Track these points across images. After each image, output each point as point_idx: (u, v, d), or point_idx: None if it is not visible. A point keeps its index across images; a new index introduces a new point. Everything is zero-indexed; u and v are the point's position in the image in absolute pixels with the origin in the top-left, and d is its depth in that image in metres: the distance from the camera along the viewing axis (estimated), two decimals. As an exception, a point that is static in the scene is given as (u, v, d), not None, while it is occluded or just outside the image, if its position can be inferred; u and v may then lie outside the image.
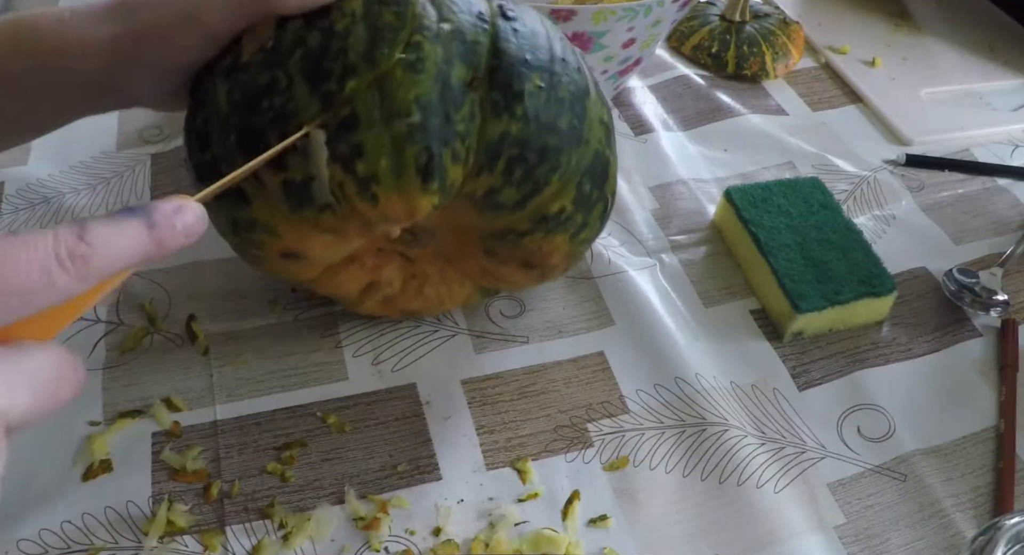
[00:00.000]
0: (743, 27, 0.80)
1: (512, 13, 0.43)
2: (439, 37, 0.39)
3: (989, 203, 0.67)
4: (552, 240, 0.45)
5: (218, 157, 0.40)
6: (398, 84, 0.38)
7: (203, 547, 0.43)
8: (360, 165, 0.38)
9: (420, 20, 0.39)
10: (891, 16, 0.88)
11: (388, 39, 0.38)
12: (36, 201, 0.61)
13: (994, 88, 0.79)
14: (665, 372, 0.52)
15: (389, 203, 0.39)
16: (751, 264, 0.58)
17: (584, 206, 0.44)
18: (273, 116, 0.38)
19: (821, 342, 0.55)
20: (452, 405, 0.50)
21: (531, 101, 0.40)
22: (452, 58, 0.39)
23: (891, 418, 0.51)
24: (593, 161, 0.44)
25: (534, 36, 0.42)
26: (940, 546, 0.46)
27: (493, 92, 0.40)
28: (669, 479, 0.47)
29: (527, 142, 0.40)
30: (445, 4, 0.41)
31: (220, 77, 0.41)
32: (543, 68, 0.41)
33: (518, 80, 0.40)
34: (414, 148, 0.38)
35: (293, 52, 0.39)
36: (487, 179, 0.41)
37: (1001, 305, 0.57)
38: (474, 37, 0.40)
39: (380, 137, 0.38)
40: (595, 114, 0.44)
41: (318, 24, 0.39)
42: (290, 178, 0.39)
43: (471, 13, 0.41)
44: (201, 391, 0.50)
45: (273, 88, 0.39)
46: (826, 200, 0.60)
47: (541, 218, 0.43)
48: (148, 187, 0.62)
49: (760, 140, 0.71)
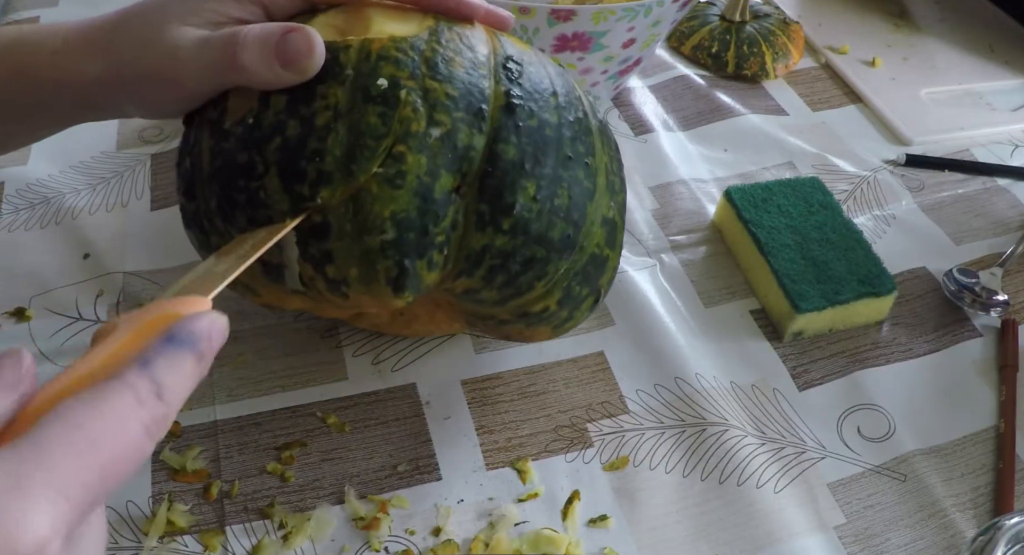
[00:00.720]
0: (743, 27, 0.80)
1: (519, 100, 0.38)
2: (425, 147, 0.36)
3: (989, 203, 0.67)
4: (534, 330, 0.43)
5: (200, 213, 0.39)
6: (373, 199, 0.35)
7: (203, 547, 0.43)
8: (330, 269, 0.37)
9: (407, 126, 0.36)
10: (891, 16, 0.88)
11: (368, 148, 0.35)
12: (36, 201, 0.61)
13: (994, 88, 0.79)
14: (665, 372, 0.52)
15: (359, 300, 0.38)
16: (751, 264, 0.58)
17: (571, 304, 0.42)
18: (247, 199, 0.37)
19: (821, 342, 0.55)
20: (452, 405, 0.50)
21: (521, 213, 0.37)
22: (438, 169, 0.36)
23: (891, 418, 0.51)
24: (587, 265, 0.41)
25: (540, 130, 0.38)
26: (940, 546, 0.46)
27: (481, 203, 0.37)
28: (669, 479, 0.47)
29: (511, 254, 0.38)
30: (440, 101, 0.37)
31: (205, 129, 0.39)
32: (543, 175, 0.38)
33: (510, 192, 0.37)
34: (385, 263, 0.36)
35: (272, 138, 0.36)
36: (466, 282, 0.39)
37: (1001, 305, 0.57)
38: (467, 141, 0.37)
39: (351, 249, 0.36)
40: (598, 215, 0.41)
41: (299, 111, 0.36)
42: (265, 258, 0.37)
43: (469, 111, 0.37)
44: (201, 391, 0.50)
45: (250, 171, 0.36)
46: (826, 200, 0.60)
47: (523, 314, 0.42)
48: (148, 187, 0.62)
49: (760, 140, 0.71)
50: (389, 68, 0.37)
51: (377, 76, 0.36)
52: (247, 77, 0.37)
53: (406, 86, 0.36)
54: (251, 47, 0.37)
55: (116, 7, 0.41)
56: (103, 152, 0.65)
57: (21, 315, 0.53)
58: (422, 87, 0.37)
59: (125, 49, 0.40)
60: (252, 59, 0.37)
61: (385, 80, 0.36)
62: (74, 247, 0.58)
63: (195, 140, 0.40)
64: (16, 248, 0.57)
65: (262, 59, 0.37)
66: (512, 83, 0.39)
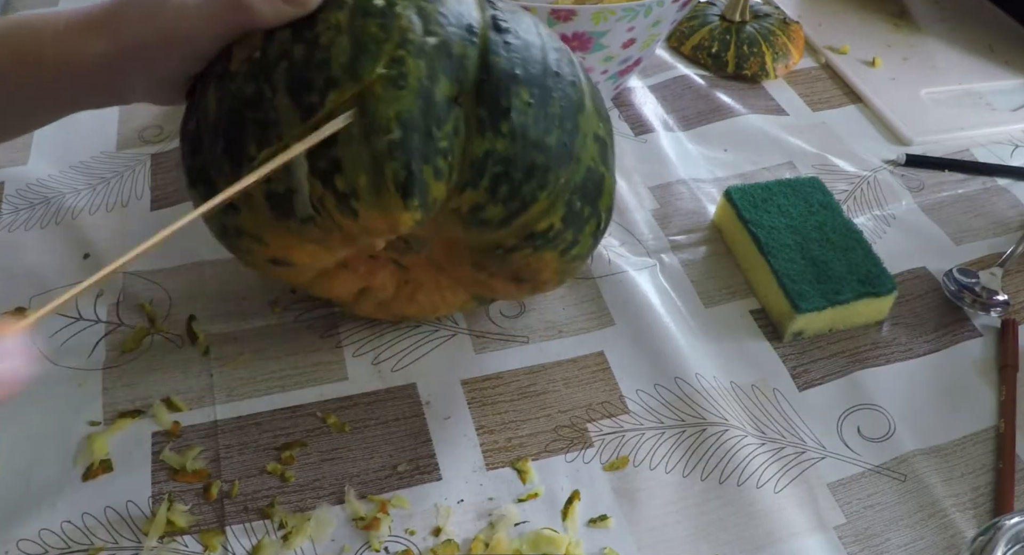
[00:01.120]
0: (743, 27, 0.80)
1: (505, 24, 0.41)
2: (423, 52, 0.38)
3: (989, 203, 0.67)
4: (541, 256, 0.44)
5: (207, 163, 0.40)
6: (378, 100, 0.37)
7: (203, 547, 0.43)
8: (339, 180, 0.37)
9: (405, 34, 0.38)
10: (891, 16, 0.88)
11: (371, 52, 0.37)
12: (36, 201, 0.61)
13: (994, 88, 0.79)
14: (665, 372, 0.52)
15: (370, 218, 0.39)
16: (751, 264, 0.58)
17: (575, 224, 0.43)
18: (256, 124, 0.38)
19: (821, 342, 0.55)
20: (452, 405, 0.50)
21: (518, 118, 0.39)
22: (437, 73, 0.38)
23: (891, 418, 0.51)
24: (585, 178, 0.43)
25: (527, 48, 0.41)
26: (940, 546, 0.46)
27: (479, 108, 0.39)
28: (669, 479, 0.47)
29: (513, 160, 0.40)
30: (433, 16, 0.39)
31: (212, 83, 0.41)
32: (533, 82, 0.40)
33: (505, 96, 0.39)
34: (393, 165, 0.37)
35: (278, 63, 0.38)
36: (471, 195, 0.40)
37: (1001, 305, 0.57)
38: (461, 51, 0.39)
39: (359, 153, 0.37)
40: (589, 129, 0.43)
41: (304, 35, 0.39)
42: (272, 189, 0.38)
43: (460, 26, 0.40)
44: (201, 391, 0.50)
45: (258, 99, 0.38)
46: (826, 200, 0.60)
47: (529, 235, 0.43)
48: (148, 187, 0.62)
49: (760, 140, 0.71)
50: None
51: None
52: (252, 16, 0.39)
53: (401, 3, 0.39)
54: None
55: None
56: (103, 152, 0.65)
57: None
58: (416, 6, 0.39)
59: (132, 19, 0.41)
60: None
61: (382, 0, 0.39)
62: (74, 247, 0.58)
63: (199, 101, 0.41)
64: (16, 248, 0.57)
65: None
66: (496, 10, 0.42)
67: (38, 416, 0.48)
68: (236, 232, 0.42)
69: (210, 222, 0.43)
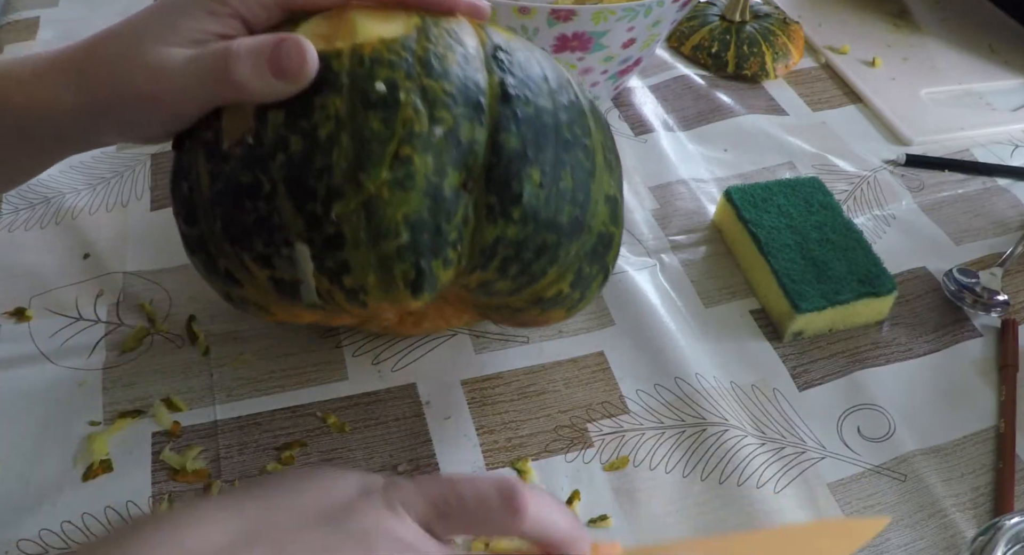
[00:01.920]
0: (743, 27, 0.80)
1: (514, 89, 0.38)
2: (431, 146, 0.36)
3: (989, 203, 0.67)
4: (548, 314, 0.44)
5: (206, 237, 0.39)
6: (385, 204, 0.35)
7: (203, 547, 0.43)
8: (347, 279, 0.36)
9: (410, 127, 0.35)
10: (891, 16, 0.88)
11: (374, 155, 0.35)
12: (36, 201, 0.61)
13: (994, 88, 0.79)
14: (665, 372, 0.52)
15: (379, 308, 0.38)
16: (751, 264, 0.58)
17: (582, 285, 0.43)
18: (258, 221, 0.36)
19: (821, 342, 0.55)
20: (452, 405, 0.50)
21: (529, 201, 0.37)
22: (445, 167, 0.36)
23: (891, 418, 0.51)
24: (595, 243, 0.42)
25: (538, 117, 0.38)
26: (940, 546, 0.46)
27: (489, 194, 0.37)
28: (669, 479, 0.47)
29: (524, 243, 0.38)
30: (439, 99, 0.36)
31: (201, 152, 0.39)
32: (545, 160, 0.38)
33: (516, 180, 0.37)
34: (402, 266, 0.36)
35: (275, 155, 0.36)
36: (480, 275, 0.39)
37: (1001, 305, 0.57)
38: (470, 135, 0.37)
39: (367, 257, 0.36)
40: (600, 194, 0.41)
41: (300, 125, 0.36)
42: (278, 277, 0.37)
43: (468, 104, 0.37)
44: (201, 391, 0.50)
45: (256, 192, 0.36)
46: (826, 200, 0.60)
47: (537, 300, 0.42)
48: (148, 187, 0.62)
49: (760, 140, 0.71)
50: (384, 71, 0.36)
51: (374, 80, 0.36)
52: (241, 91, 0.36)
53: (404, 87, 0.36)
54: (244, 59, 0.36)
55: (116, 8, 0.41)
56: (103, 152, 0.65)
57: (21, 315, 0.53)
58: (420, 86, 0.36)
59: (101, 73, 0.38)
60: (246, 72, 0.36)
61: (382, 83, 0.36)
62: (74, 247, 0.58)
63: (190, 164, 0.39)
64: (16, 248, 0.57)
65: (256, 71, 0.36)
66: (505, 72, 0.39)
67: (38, 416, 0.48)
68: (241, 300, 0.41)
69: (213, 284, 0.42)
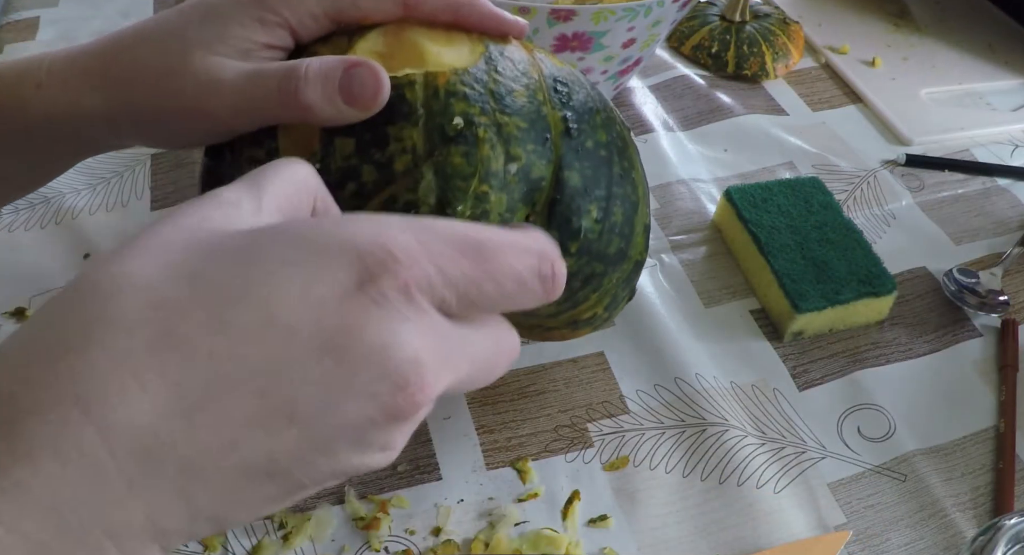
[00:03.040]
0: (743, 27, 0.80)
1: (574, 124, 0.39)
2: (506, 185, 0.36)
3: (989, 203, 0.67)
4: (577, 332, 0.46)
5: None
6: None
7: (203, 547, 0.43)
8: None
9: (488, 165, 0.35)
10: (891, 16, 0.88)
11: (460, 191, 0.35)
12: (36, 201, 0.61)
13: (994, 88, 0.79)
14: (665, 372, 0.52)
15: None
16: (751, 264, 0.58)
17: (614, 307, 0.44)
18: None
19: (821, 342, 0.55)
20: (452, 405, 0.50)
21: (586, 236, 0.38)
22: (516, 204, 0.36)
23: (891, 418, 0.51)
24: (632, 271, 0.43)
25: (596, 151, 0.39)
26: (940, 546, 0.46)
27: (550, 229, 0.37)
28: (669, 479, 0.47)
29: (575, 274, 0.39)
30: (513, 136, 0.36)
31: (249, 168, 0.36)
32: (601, 196, 0.39)
33: (577, 217, 0.38)
34: None
35: (344, 184, 0.35)
36: None
37: (1001, 305, 0.57)
38: (539, 173, 0.37)
39: None
40: (641, 224, 0.42)
41: (373, 156, 0.35)
42: None
43: (538, 142, 0.37)
44: (201, 391, 0.50)
45: None
46: (826, 200, 0.60)
47: (572, 321, 0.43)
48: (148, 187, 0.62)
49: (760, 140, 0.71)
50: (461, 105, 0.36)
51: (451, 114, 0.36)
52: (307, 115, 0.35)
53: (481, 123, 0.36)
54: (314, 82, 0.34)
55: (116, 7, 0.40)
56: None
57: (21, 315, 0.53)
58: (495, 122, 0.36)
59: (136, 80, 0.36)
60: (315, 95, 0.34)
61: (460, 118, 0.36)
62: (74, 247, 0.58)
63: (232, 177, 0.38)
64: (16, 248, 0.57)
65: (325, 95, 0.34)
66: (565, 107, 0.39)
67: (38, 416, 0.48)
68: None
69: None
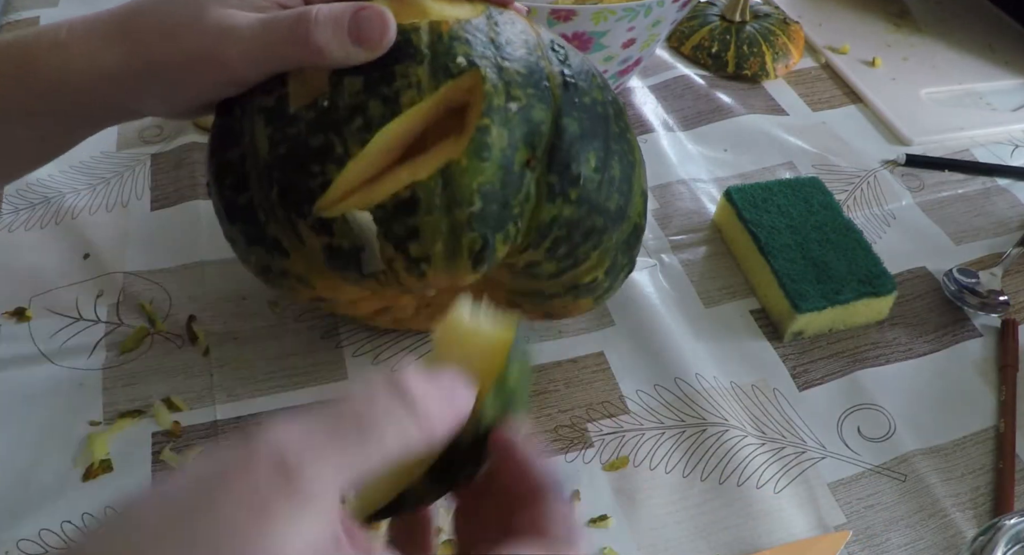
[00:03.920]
0: (743, 27, 0.80)
1: (572, 79, 0.40)
2: (507, 120, 0.37)
3: (989, 203, 0.67)
4: (578, 303, 0.45)
5: (255, 204, 0.39)
6: (463, 171, 0.36)
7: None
8: (413, 247, 0.37)
9: (490, 100, 0.37)
10: (891, 16, 0.88)
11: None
12: (36, 201, 0.61)
13: (994, 88, 0.79)
14: (665, 372, 0.52)
15: (436, 278, 0.38)
16: (751, 264, 0.58)
17: (613, 274, 0.45)
18: (324, 184, 0.36)
19: (821, 342, 0.55)
20: (452, 405, 0.50)
21: (586, 184, 0.39)
22: (517, 141, 0.37)
23: (891, 418, 0.51)
24: (630, 234, 0.43)
25: (593, 106, 0.40)
26: (940, 546, 0.46)
27: (550, 174, 0.38)
28: (669, 479, 0.47)
29: (576, 224, 0.40)
30: (513, 77, 0.38)
31: (259, 117, 0.38)
32: (599, 146, 0.40)
33: (575, 162, 0.38)
34: (471, 235, 0.37)
35: (352, 118, 0.36)
36: (531, 254, 0.40)
37: (1001, 305, 0.57)
38: (539, 116, 0.38)
39: (438, 223, 0.36)
40: (639, 186, 0.43)
41: (380, 91, 0.36)
42: (336, 244, 0.37)
43: (538, 87, 0.38)
44: (201, 391, 0.50)
45: (326, 153, 0.36)
46: (826, 200, 0.60)
47: (573, 286, 0.43)
48: (148, 187, 0.62)
49: (760, 140, 0.71)
50: (463, 47, 0.38)
51: (454, 54, 0.37)
52: (318, 56, 0.36)
53: (483, 63, 0.37)
54: (324, 25, 0.36)
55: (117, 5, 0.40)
56: (103, 152, 0.65)
57: (21, 315, 0.53)
58: (496, 64, 0.38)
59: (154, 34, 0.37)
60: (326, 37, 0.36)
61: (463, 58, 0.37)
62: (74, 247, 0.57)
63: (242, 130, 0.39)
64: (16, 248, 0.57)
65: (336, 37, 0.36)
66: (562, 64, 0.40)
67: (38, 416, 0.48)
68: (280, 273, 0.41)
69: (247, 259, 0.42)
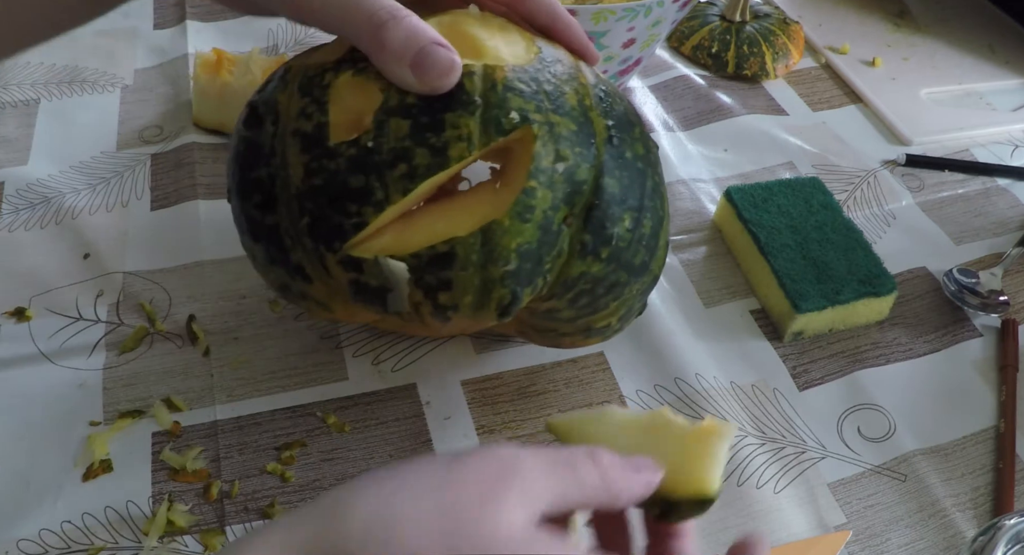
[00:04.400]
0: (743, 27, 0.80)
1: (616, 133, 0.39)
2: (552, 182, 0.36)
3: (989, 203, 0.67)
4: (588, 340, 0.46)
5: (282, 229, 0.38)
6: (504, 232, 0.35)
7: (203, 547, 0.43)
8: (443, 296, 0.36)
9: (539, 161, 0.36)
10: (891, 16, 0.88)
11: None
12: (36, 201, 0.61)
13: (994, 88, 0.79)
14: (665, 372, 0.52)
15: (459, 323, 0.38)
16: (751, 264, 0.58)
17: (628, 319, 0.45)
18: (359, 223, 0.35)
19: (821, 342, 0.55)
20: (452, 405, 0.50)
21: (617, 244, 0.39)
22: (559, 203, 0.37)
23: (891, 418, 0.51)
24: (649, 284, 0.44)
25: (633, 163, 0.40)
26: (940, 546, 0.46)
27: (585, 233, 0.38)
28: (669, 479, 0.47)
29: (602, 280, 0.40)
30: (563, 137, 0.37)
31: (294, 141, 0.37)
32: (635, 207, 0.39)
33: (611, 223, 0.38)
34: (501, 292, 0.36)
35: (396, 164, 0.35)
36: (553, 303, 0.40)
37: (1001, 305, 0.57)
38: (583, 176, 0.37)
39: (471, 278, 0.36)
40: (663, 242, 0.43)
41: (428, 139, 0.35)
42: (363, 281, 0.37)
43: (584, 145, 0.38)
44: (201, 391, 0.50)
45: (365, 196, 0.35)
46: (826, 200, 0.60)
47: (586, 328, 0.44)
48: (148, 187, 0.62)
49: (760, 140, 0.71)
50: (517, 100, 0.36)
51: (507, 108, 0.36)
52: (378, 52, 0.35)
53: (535, 120, 0.36)
54: (398, 34, 0.35)
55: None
56: (103, 152, 0.65)
57: (21, 315, 0.53)
58: (547, 121, 0.37)
59: None
60: (393, 45, 0.35)
61: (516, 113, 0.36)
62: (74, 247, 0.58)
63: (275, 149, 0.38)
64: (16, 248, 0.57)
65: (401, 51, 0.35)
66: (608, 116, 0.40)
67: (38, 416, 0.48)
68: (300, 295, 0.41)
69: (268, 275, 0.41)
